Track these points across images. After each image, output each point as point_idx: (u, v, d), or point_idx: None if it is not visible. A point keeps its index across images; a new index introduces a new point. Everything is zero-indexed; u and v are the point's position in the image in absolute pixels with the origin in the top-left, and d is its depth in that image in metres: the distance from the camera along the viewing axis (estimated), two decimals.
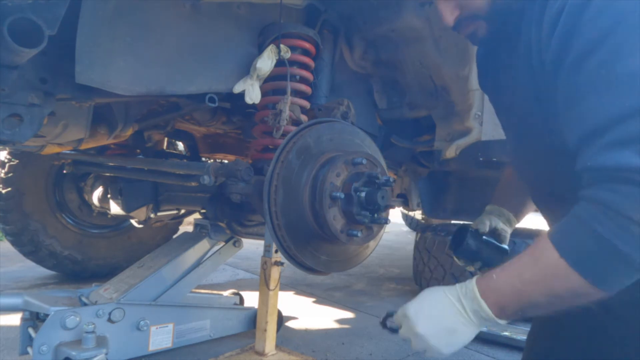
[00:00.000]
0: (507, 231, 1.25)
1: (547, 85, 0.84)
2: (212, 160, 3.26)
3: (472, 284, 0.86)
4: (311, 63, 1.78)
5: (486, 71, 1.17)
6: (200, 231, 2.32)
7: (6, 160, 3.02)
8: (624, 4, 0.70)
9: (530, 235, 2.77)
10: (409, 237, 7.22)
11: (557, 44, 0.79)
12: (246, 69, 1.68)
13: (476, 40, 1.02)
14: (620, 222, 0.71)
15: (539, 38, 0.83)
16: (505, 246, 1.20)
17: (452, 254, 1.22)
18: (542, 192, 1.07)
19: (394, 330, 0.93)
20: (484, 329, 2.60)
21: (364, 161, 1.26)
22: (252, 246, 5.01)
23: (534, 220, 2.30)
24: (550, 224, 1.05)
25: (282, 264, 1.90)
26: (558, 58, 0.79)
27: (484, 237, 1.18)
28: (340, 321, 2.79)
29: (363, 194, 1.22)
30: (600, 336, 1.05)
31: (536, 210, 1.21)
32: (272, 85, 1.71)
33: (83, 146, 1.99)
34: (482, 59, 1.18)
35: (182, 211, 2.92)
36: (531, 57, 0.85)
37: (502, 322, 0.84)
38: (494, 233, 1.23)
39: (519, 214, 1.27)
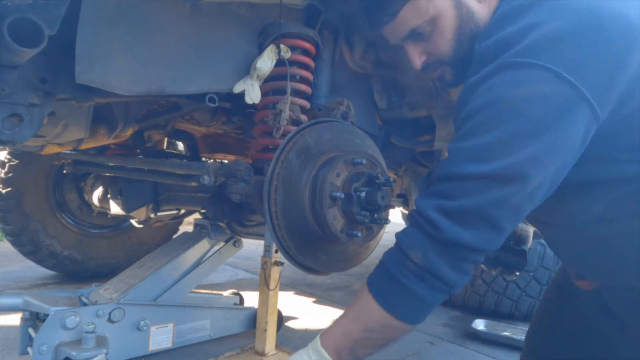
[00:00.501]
0: (528, 230, 1.27)
1: None
2: (212, 160, 3.26)
3: (317, 337, 0.96)
4: (311, 63, 1.78)
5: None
6: (200, 231, 2.32)
7: (6, 160, 3.02)
8: (500, 92, 0.82)
9: None
10: None
11: (455, 115, 0.96)
12: (246, 69, 1.68)
13: (445, 82, 1.11)
14: (401, 257, 0.85)
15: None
16: (524, 247, 1.23)
17: None
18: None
19: None
20: (484, 329, 2.60)
21: (364, 161, 1.26)
22: (252, 246, 5.01)
23: None
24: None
25: (282, 264, 1.90)
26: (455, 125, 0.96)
27: None
28: None
29: (363, 194, 1.22)
30: (598, 337, 1.05)
31: None
32: (272, 85, 1.71)
33: (83, 146, 1.99)
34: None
35: (182, 211, 2.91)
36: None
37: None
38: (514, 235, 1.25)
39: None
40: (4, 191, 2.98)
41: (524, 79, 0.79)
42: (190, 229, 2.51)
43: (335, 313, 2.94)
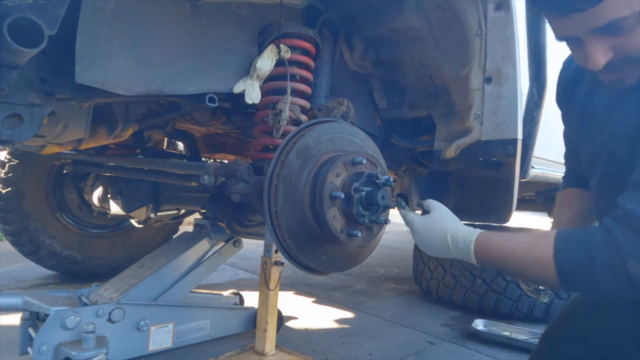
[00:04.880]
0: None
1: None
2: (212, 160, 3.26)
3: (474, 237, 1.00)
4: (311, 63, 1.78)
5: (573, 93, 1.15)
6: (200, 231, 2.32)
7: (6, 160, 3.01)
8: None
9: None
10: (409, 237, 7.21)
11: None
12: (246, 69, 1.68)
13: (619, 86, 0.95)
14: (614, 257, 0.80)
15: None
16: None
17: None
18: None
19: (403, 207, 1.23)
20: (484, 329, 2.60)
21: (364, 161, 1.26)
22: (252, 246, 5.01)
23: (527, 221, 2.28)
24: None
25: (282, 264, 1.90)
26: None
27: None
28: (340, 321, 2.79)
29: (363, 194, 1.22)
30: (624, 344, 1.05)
31: None
32: (272, 85, 1.71)
33: (83, 146, 1.99)
34: (571, 80, 1.19)
35: (182, 211, 2.91)
36: None
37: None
38: None
39: None
40: (4, 191, 2.98)
41: None
42: (190, 229, 2.51)
43: (335, 313, 2.94)
